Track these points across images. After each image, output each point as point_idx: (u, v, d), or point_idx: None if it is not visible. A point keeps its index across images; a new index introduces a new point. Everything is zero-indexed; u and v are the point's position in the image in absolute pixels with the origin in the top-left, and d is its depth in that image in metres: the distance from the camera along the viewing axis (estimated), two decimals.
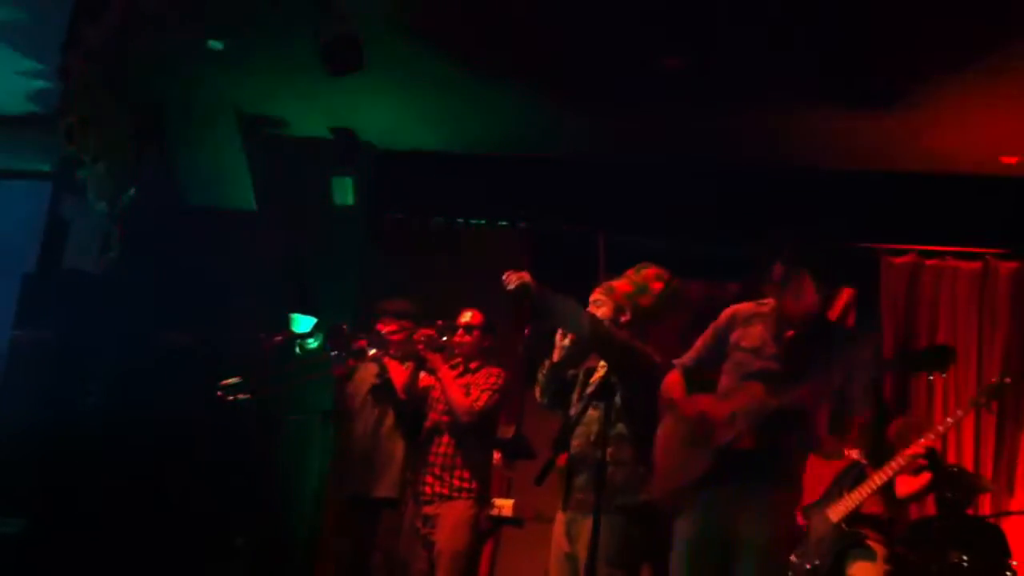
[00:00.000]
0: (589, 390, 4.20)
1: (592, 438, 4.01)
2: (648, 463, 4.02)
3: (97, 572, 5.90)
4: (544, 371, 4.46)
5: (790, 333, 3.77)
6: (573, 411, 4.36)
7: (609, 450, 4.07)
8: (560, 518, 4.31)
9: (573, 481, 4.25)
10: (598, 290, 4.46)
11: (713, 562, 3.69)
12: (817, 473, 4.57)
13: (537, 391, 4.55)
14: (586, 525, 3.86)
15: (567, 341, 4.39)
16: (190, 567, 6.05)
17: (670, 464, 3.86)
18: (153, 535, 6.02)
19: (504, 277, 4.20)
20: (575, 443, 4.27)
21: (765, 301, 3.90)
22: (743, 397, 3.70)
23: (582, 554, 4.03)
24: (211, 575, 6.09)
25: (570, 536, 4.20)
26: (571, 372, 4.44)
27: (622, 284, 4.38)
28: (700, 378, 4.02)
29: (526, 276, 4.16)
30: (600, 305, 4.37)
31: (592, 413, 4.14)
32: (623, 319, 4.30)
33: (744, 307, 3.94)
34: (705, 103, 5.91)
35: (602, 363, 4.20)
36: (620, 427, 4.12)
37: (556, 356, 4.43)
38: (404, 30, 5.39)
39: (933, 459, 4.40)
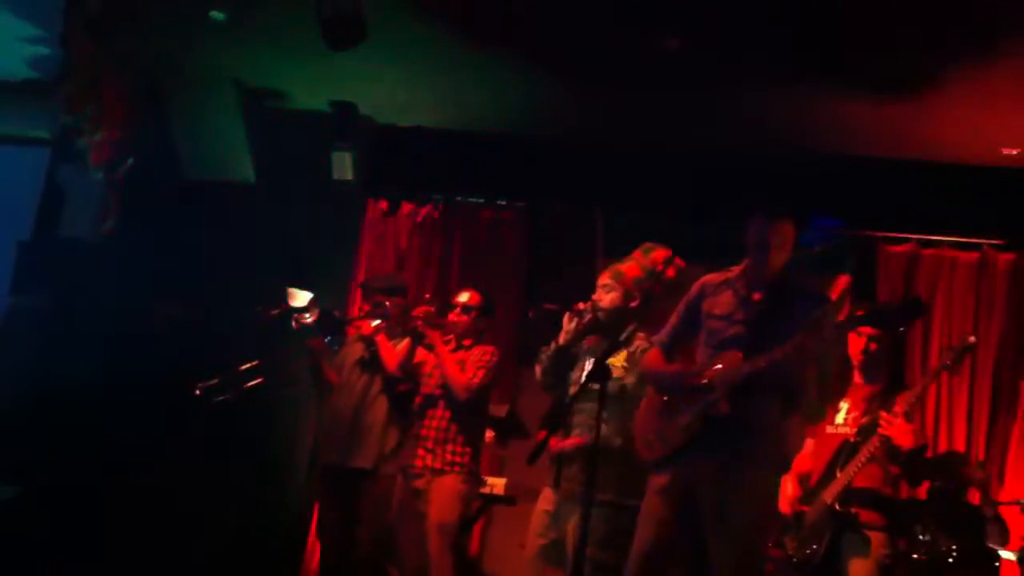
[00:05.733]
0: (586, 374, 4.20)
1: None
2: None
3: (88, 540, 5.92)
4: (549, 353, 4.46)
5: (756, 296, 3.77)
6: (573, 390, 4.35)
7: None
8: (549, 497, 4.31)
9: (567, 465, 4.24)
10: (606, 274, 4.45)
11: (682, 517, 3.69)
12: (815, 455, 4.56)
13: (538, 371, 4.55)
14: (577, 510, 3.86)
15: (573, 325, 4.39)
16: (180, 540, 6.07)
17: (649, 435, 3.87)
18: (143, 505, 6.04)
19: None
20: (576, 428, 4.27)
21: (733, 268, 3.90)
22: (720, 364, 3.69)
23: (571, 537, 4.05)
24: (201, 548, 6.11)
25: (558, 519, 4.20)
26: (572, 350, 4.45)
27: (631, 268, 4.37)
28: (679, 353, 4.02)
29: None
30: (610, 290, 4.36)
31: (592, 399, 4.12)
32: (632, 305, 4.31)
33: (713, 276, 3.95)
34: (704, 85, 5.89)
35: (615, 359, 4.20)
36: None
37: (563, 339, 4.43)
38: (408, 5, 5.36)
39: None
